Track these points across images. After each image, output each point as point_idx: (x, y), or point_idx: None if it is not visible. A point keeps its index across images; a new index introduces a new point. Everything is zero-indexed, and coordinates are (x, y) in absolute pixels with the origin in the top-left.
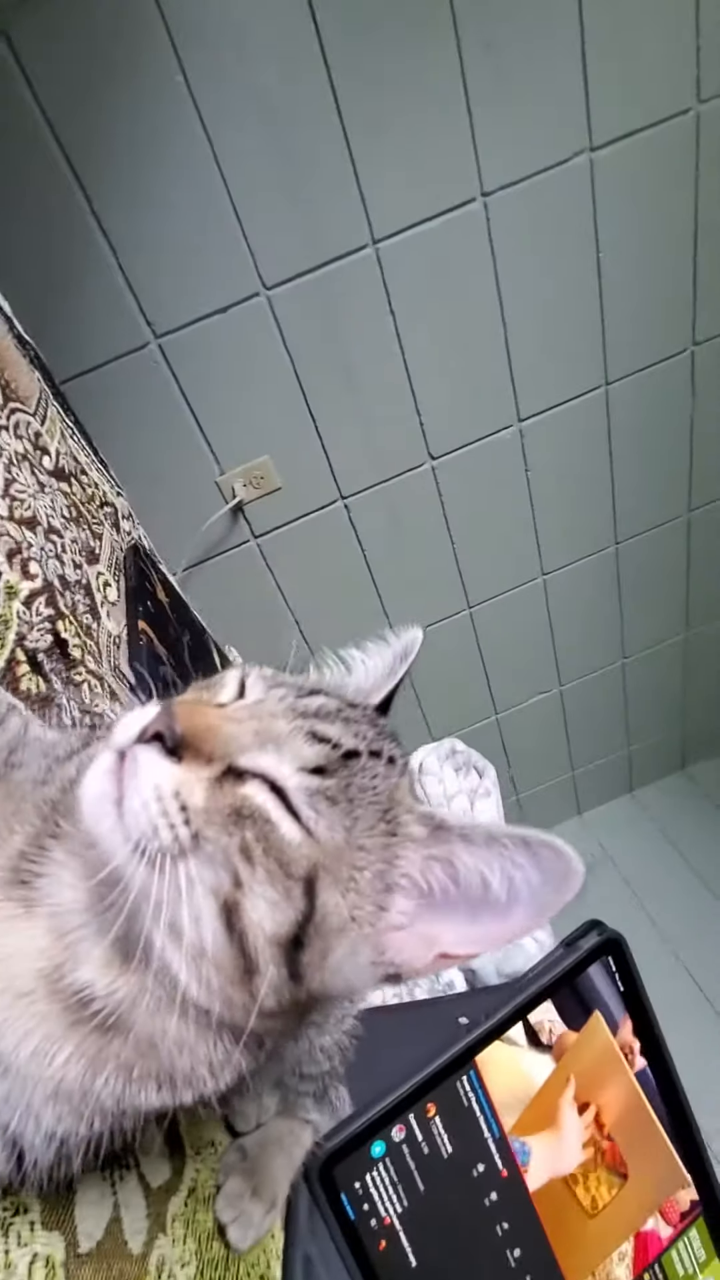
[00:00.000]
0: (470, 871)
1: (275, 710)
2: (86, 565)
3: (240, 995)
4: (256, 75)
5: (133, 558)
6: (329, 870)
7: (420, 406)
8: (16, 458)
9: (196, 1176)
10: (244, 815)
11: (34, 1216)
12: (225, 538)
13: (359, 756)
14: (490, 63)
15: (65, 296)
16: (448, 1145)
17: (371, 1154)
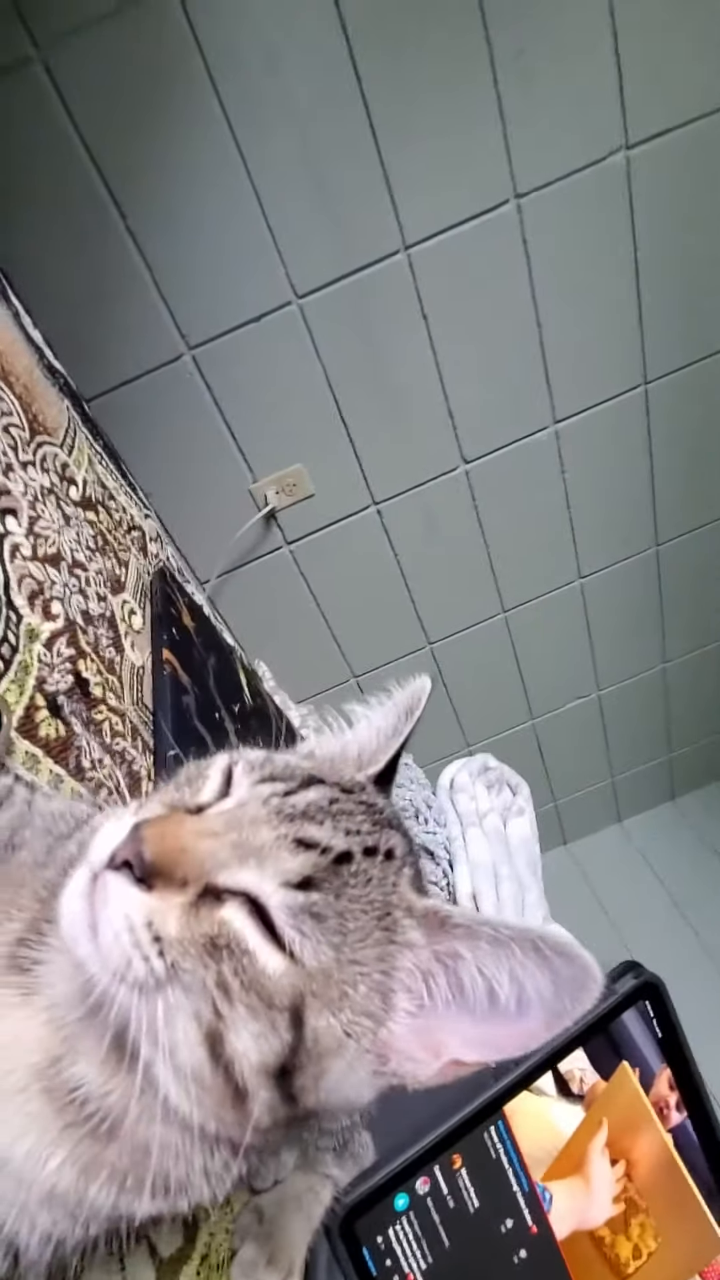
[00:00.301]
0: (474, 978)
1: (258, 816)
2: (111, 595)
3: (232, 1115)
4: (288, 88)
5: (159, 583)
6: (317, 995)
7: (453, 410)
8: (42, 493)
9: (210, 1241)
10: (219, 946)
11: None
12: (258, 545)
13: (351, 860)
14: (522, 65)
15: (101, 312)
16: (474, 1199)
17: (395, 1207)
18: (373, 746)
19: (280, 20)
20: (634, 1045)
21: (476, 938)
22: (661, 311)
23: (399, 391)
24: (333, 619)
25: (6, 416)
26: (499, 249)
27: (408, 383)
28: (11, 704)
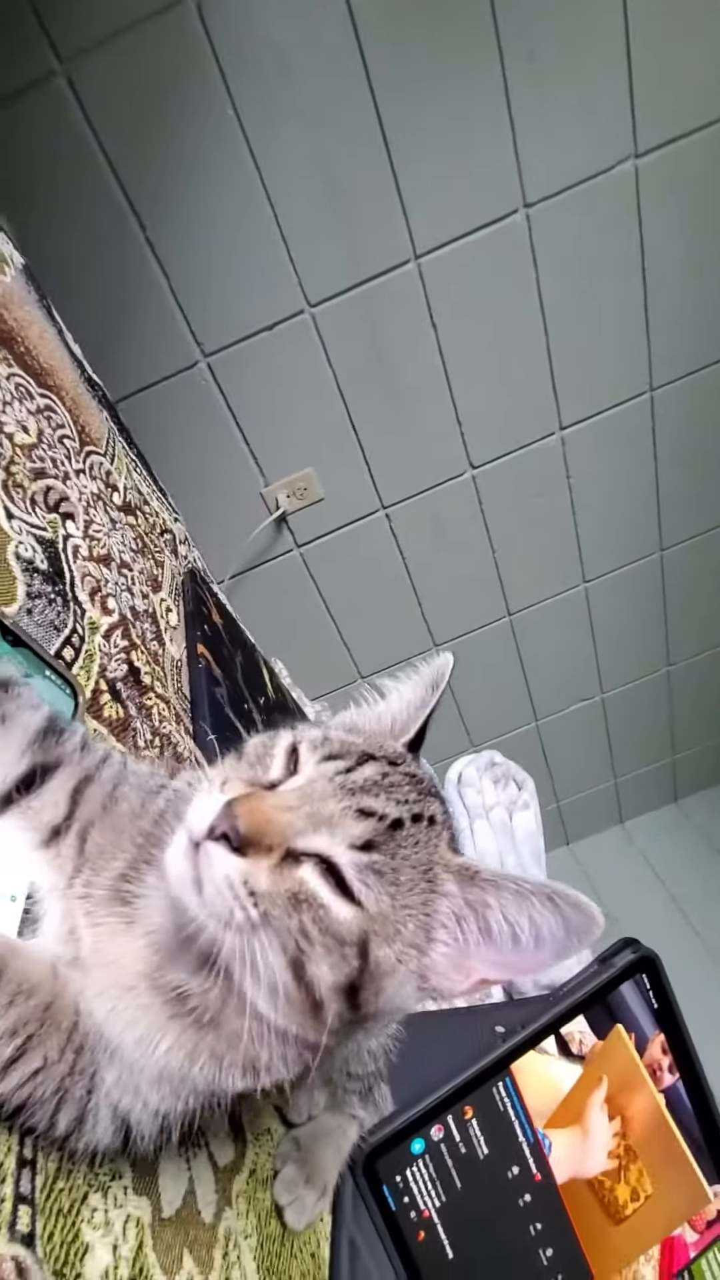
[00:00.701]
0: (500, 920)
1: (325, 791)
2: (152, 594)
3: (310, 1021)
4: (302, 99)
5: (190, 582)
6: (378, 932)
7: (461, 416)
8: (92, 498)
9: (256, 1160)
10: (301, 899)
11: (126, 1182)
12: (269, 548)
13: (403, 825)
14: (532, 73)
15: (119, 320)
16: (484, 1147)
17: (412, 1150)
18: (404, 717)
19: (296, 33)
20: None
21: (501, 889)
22: (668, 319)
23: (408, 398)
24: (341, 621)
25: (61, 429)
26: (508, 258)
27: (417, 389)
28: (83, 687)
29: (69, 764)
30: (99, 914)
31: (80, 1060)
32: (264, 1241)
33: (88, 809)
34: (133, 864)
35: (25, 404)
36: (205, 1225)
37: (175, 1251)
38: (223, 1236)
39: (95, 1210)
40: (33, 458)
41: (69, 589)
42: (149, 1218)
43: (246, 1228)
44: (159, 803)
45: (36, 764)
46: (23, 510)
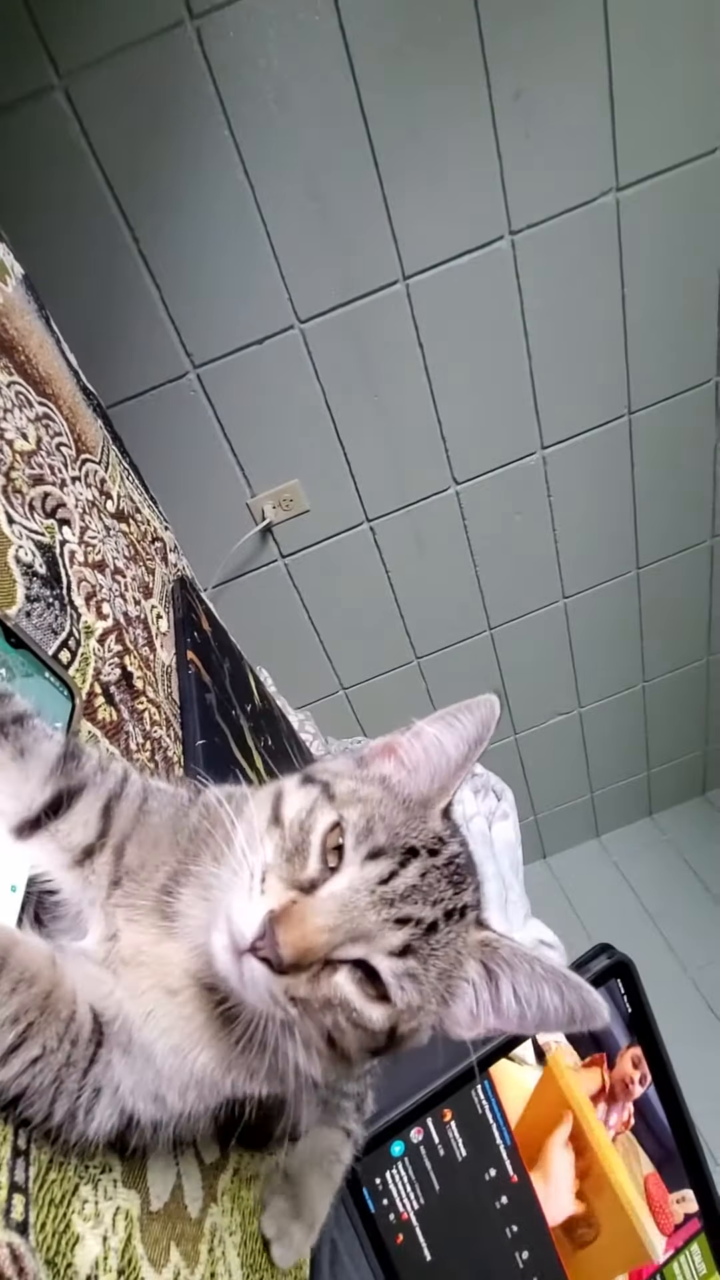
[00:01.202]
0: (510, 997)
1: (366, 903)
2: (143, 600)
3: (339, 1067)
4: (297, 124)
5: (180, 589)
6: (406, 1019)
7: (445, 434)
8: (87, 505)
9: (239, 1160)
10: (335, 1003)
11: (116, 1175)
12: (254, 557)
13: (438, 928)
14: (519, 108)
15: (110, 329)
16: (462, 1149)
17: (391, 1153)
18: (443, 773)
19: (292, 60)
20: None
21: (516, 969)
22: (646, 346)
23: (394, 414)
24: (324, 631)
25: (59, 437)
26: (493, 282)
27: (402, 406)
28: (79, 689)
29: (92, 786)
30: (143, 922)
31: (76, 1052)
32: (247, 1239)
33: (121, 824)
34: (173, 876)
35: (25, 411)
36: (191, 1220)
37: (163, 1245)
38: (208, 1232)
39: (86, 1202)
40: (31, 464)
41: (66, 593)
42: (138, 1211)
43: (231, 1225)
44: (193, 817)
45: (61, 789)
46: (22, 515)
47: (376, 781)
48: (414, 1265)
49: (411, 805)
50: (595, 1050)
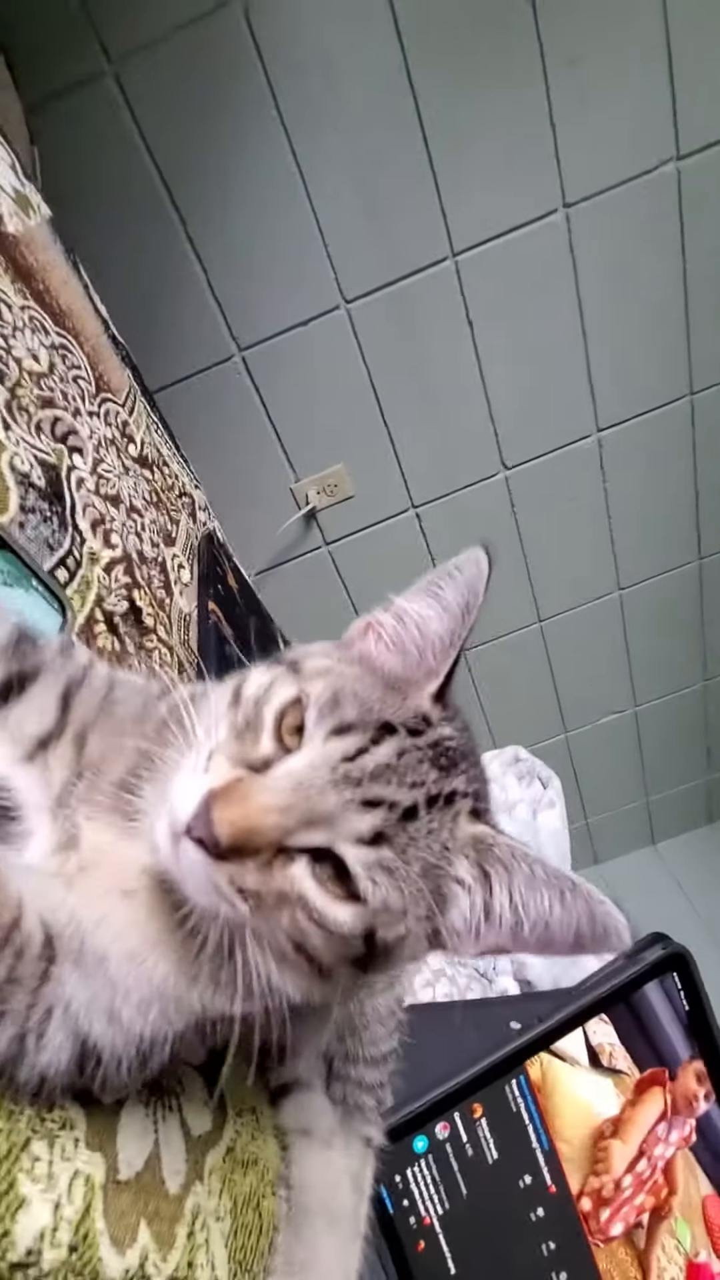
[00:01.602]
0: (504, 905)
1: (325, 785)
2: (163, 545)
3: (317, 983)
4: (344, 101)
5: (207, 545)
6: (385, 922)
7: (495, 416)
8: (105, 441)
9: (236, 1139)
10: (291, 899)
11: (79, 1134)
12: (297, 543)
13: (417, 814)
14: (574, 76)
15: (158, 312)
16: (493, 1150)
17: (414, 1148)
18: (429, 653)
19: (339, 34)
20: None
21: (514, 871)
22: (709, 323)
23: (441, 396)
24: None
25: (75, 370)
26: (546, 257)
27: (450, 388)
28: (75, 609)
29: (50, 671)
30: (102, 820)
31: (22, 967)
32: (239, 1230)
33: (81, 712)
34: (132, 770)
35: (39, 336)
36: (169, 1197)
37: (130, 1220)
38: (189, 1212)
39: (38, 1160)
40: (42, 386)
41: (68, 514)
42: (102, 1177)
43: (219, 1209)
44: (161, 709)
45: (13, 673)
46: (24, 430)
47: (354, 660)
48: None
49: (393, 683)
50: (656, 1063)
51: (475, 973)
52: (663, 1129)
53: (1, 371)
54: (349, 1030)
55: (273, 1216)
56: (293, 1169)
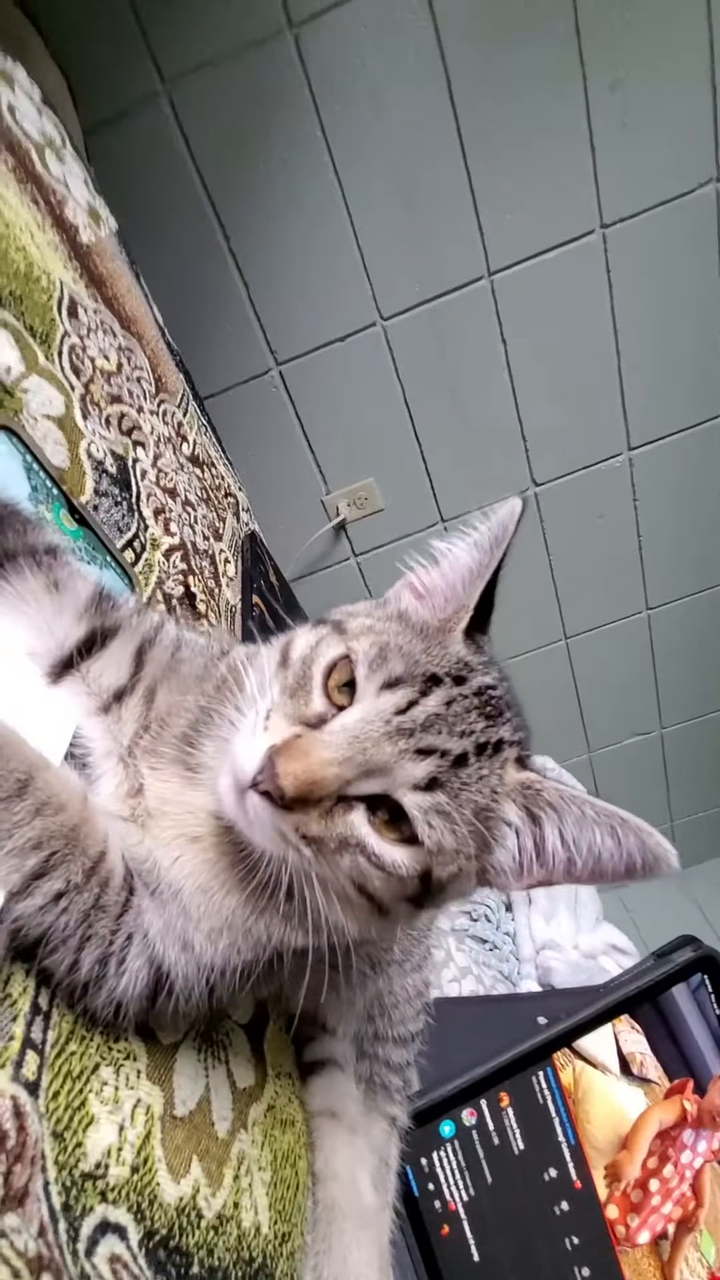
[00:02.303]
0: (556, 842)
1: (380, 737)
2: (213, 540)
3: (378, 922)
4: (387, 123)
5: (250, 544)
6: (438, 861)
7: (526, 433)
8: (163, 439)
9: (276, 1098)
10: (351, 844)
11: (140, 1066)
12: (327, 554)
13: (468, 761)
14: (616, 100)
15: (201, 326)
16: (519, 1141)
17: (440, 1132)
18: (463, 590)
19: (386, 61)
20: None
21: (563, 811)
22: None
23: (473, 413)
24: None
25: (139, 370)
26: (582, 277)
27: (483, 404)
28: (140, 587)
29: (127, 628)
30: (166, 771)
31: (107, 895)
32: (278, 1183)
33: (153, 669)
34: (194, 725)
35: (108, 338)
36: (218, 1139)
37: (184, 1154)
38: (235, 1157)
39: (105, 1084)
40: (111, 384)
41: (135, 501)
42: (160, 1109)
43: (261, 1159)
44: (221, 668)
45: (95, 627)
46: (97, 423)
47: (394, 616)
48: (459, 1264)
49: (429, 632)
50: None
51: (500, 975)
52: (689, 1136)
53: (79, 367)
54: (378, 1009)
55: (308, 1176)
56: (318, 1157)
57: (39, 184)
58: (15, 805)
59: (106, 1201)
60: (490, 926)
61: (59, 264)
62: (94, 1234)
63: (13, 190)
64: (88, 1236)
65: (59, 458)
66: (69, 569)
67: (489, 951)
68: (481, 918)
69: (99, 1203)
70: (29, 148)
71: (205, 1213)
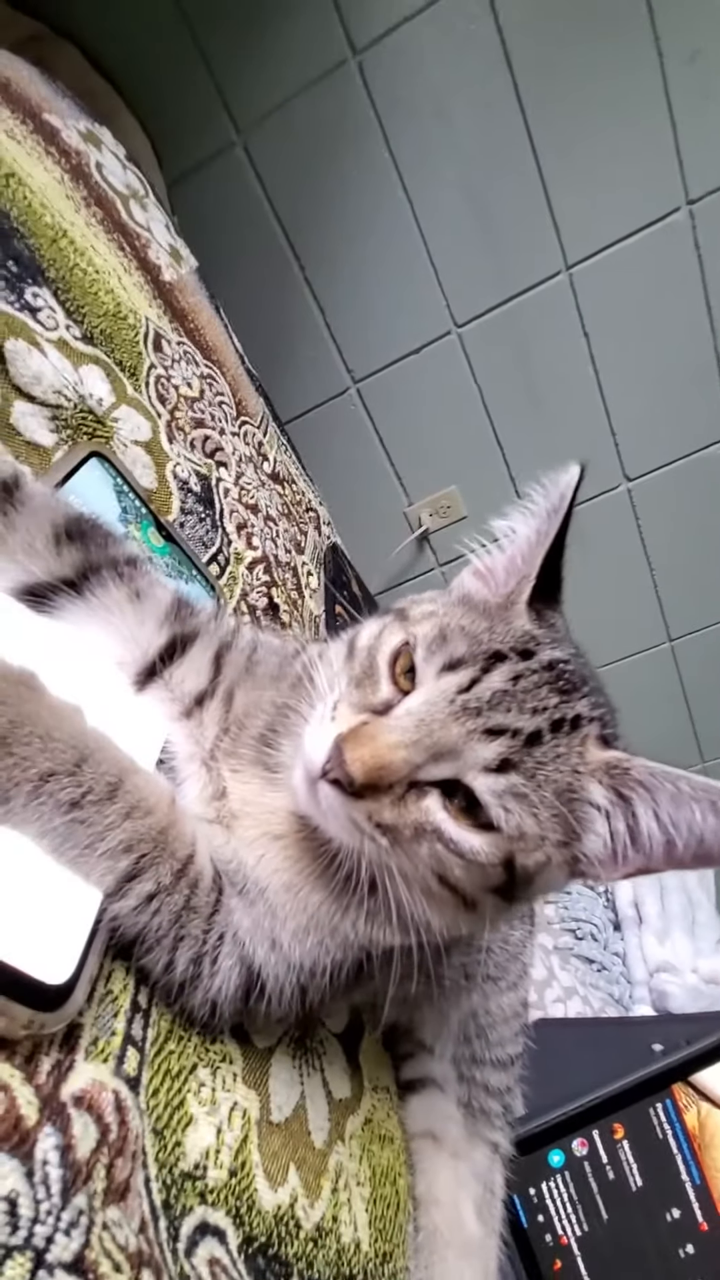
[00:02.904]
0: (651, 822)
1: (446, 717)
2: (295, 553)
3: (466, 917)
4: (454, 132)
5: (331, 555)
6: (520, 848)
7: (615, 427)
8: (244, 458)
9: (373, 1111)
10: (426, 830)
11: (236, 1069)
12: (411, 565)
13: (542, 739)
14: (695, 72)
15: (279, 353)
16: (637, 1177)
17: (550, 1162)
18: (521, 560)
19: (450, 73)
20: None
21: (656, 790)
22: None
23: (556, 411)
24: None
25: (220, 395)
26: (669, 258)
27: (566, 402)
28: (226, 599)
29: (205, 634)
30: (246, 773)
31: (197, 897)
32: (378, 1200)
33: (231, 672)
34: (270, 726)
35: (191, 367)
36: (315, 1150)
37: (281, 1162)
38: (333, 1169)
39: (203, 1086)
40: (194, 409)
41: (218, 518)
42: (256, 1114)
43: (360, 1174)
44: (296, 667)
45: (176, 635)
46: (182, 445)
47: (458, 601)
48: None
49: (492, 610)
50: None
51: (609, 997)
52: None
53: (164, 396)
54: (475, 1030)
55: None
56: (419, 1181)
57: (124, 231)
58: (107, 808)
59: (205, 1203)
60: (597, 946)
61: (144, 302)
62: (194, 1235)
63: (102, 240)
64: (187, 1236)
65: (147, 479)
66: (148, 578)
67: (597, 972)
68: (587, 936)
69: (198, 1203)
70: (115, 199)
71: (304, 1223)
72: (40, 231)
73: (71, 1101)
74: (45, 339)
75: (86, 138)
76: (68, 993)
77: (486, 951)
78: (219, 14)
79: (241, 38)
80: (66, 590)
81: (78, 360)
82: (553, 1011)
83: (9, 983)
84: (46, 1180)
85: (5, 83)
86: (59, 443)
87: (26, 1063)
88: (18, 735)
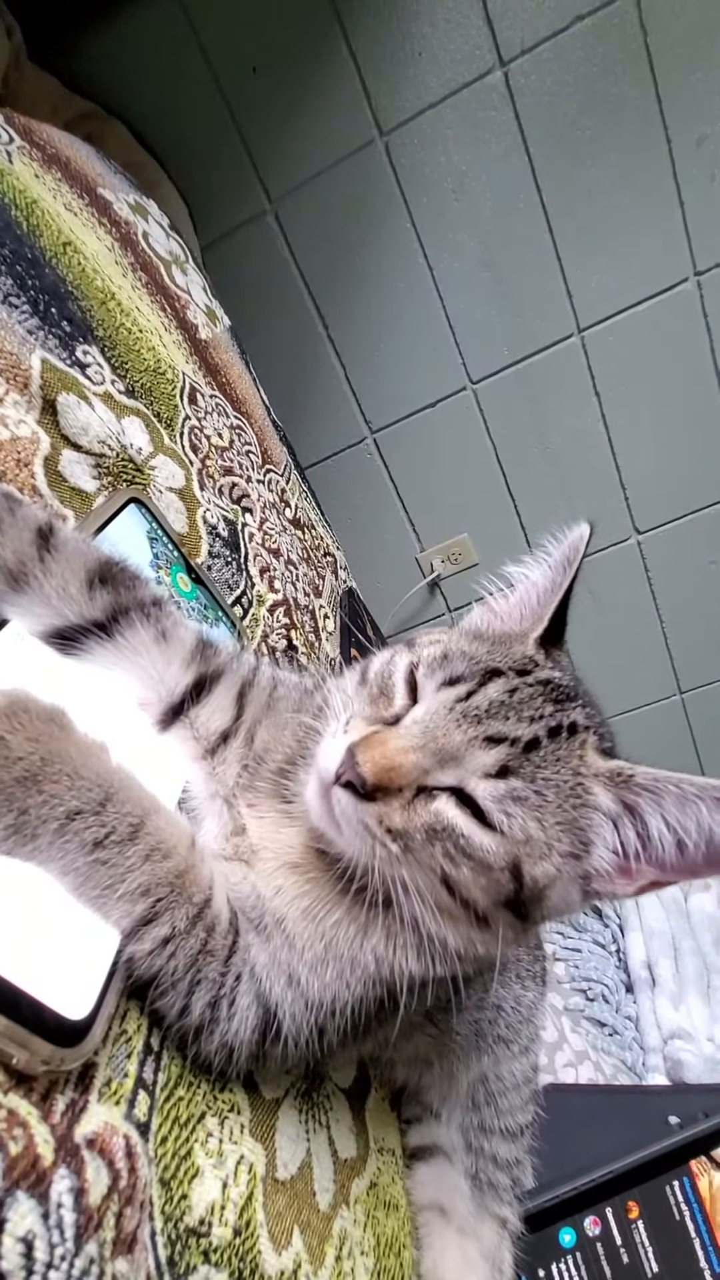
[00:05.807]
0: (660, 826)
1: (448, 724)
2: (313, 597)
3: (477, 933)
4: (473, 206)
5: (348, 599)
6: (528, 854)
7: (625, 481)
8: (268, 504)
9: (379, 1175)
10: (439, 830)
11: (244, 1120)
12: (422, 610)
13: (539, 745)
14: (704, 153)
15: (302, 404)
16: (652, 1261)
17: (560, 1241)
18: (535, 607)
19: (469, 151)
20: None
21: (661, 794)
22: None
23: (568, 465)
24: None
25: (248, 445)
26: (678, 325)
27: (577, 456)
28: (248, 638)
29: (229, 672)
30: (263, 806)
31: (214, 940)
32: (382, 1273)
33: (253, 710)
34: (290, 759)
35: (222, 419)
36: (319, 1213)
37: (286, 1223)
38: (336, 1235)
39: (210, 1135)
40: (224, 458)
41: (243, 561)
42: (262, 1169)
43: (364, 1243)
44: (317, 699)
45: (202, 674)
46: (211, 492)
47: (464, 632)
48: None
49: (501, 640)
50: None
51: (622, 1064)
52: None
53: (197, 445)
54: (484, 1096)
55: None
56: (425, 1257)
57: (166, 294)
58: (128, 849)
59: (209, 1263)
60: (609, 1009)
61: (182, 358)
62: None
63: (145, 301)
64: None
65: (179, 524)
66: (173, 618)
67: (609, 1037)
68: (599, 997)
69: (202, 1262)
70: (159, 265)
71: None
72: (91, 294)
73: (85, 1143)
74: (93, 393)
75: (135, 209)
76: (86, 1029)
77: (498, 1010)
78: (256, 94)
79: (276, 117)
80: (96, 633)
81: (121, 412)
82: (563, 1076)
83: (32, 1015)
84: (61, 1225)
85: (66, 161)
86: (100, 489)
87: (43, 1100)
88: (48, 773)
